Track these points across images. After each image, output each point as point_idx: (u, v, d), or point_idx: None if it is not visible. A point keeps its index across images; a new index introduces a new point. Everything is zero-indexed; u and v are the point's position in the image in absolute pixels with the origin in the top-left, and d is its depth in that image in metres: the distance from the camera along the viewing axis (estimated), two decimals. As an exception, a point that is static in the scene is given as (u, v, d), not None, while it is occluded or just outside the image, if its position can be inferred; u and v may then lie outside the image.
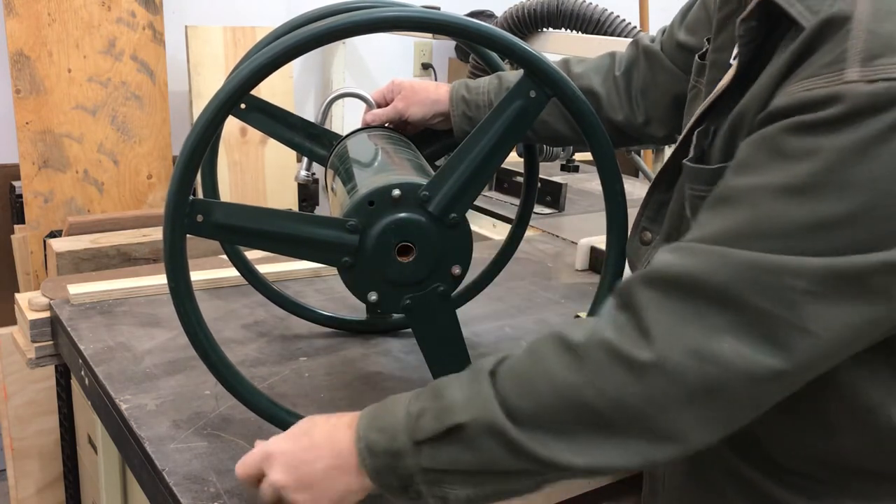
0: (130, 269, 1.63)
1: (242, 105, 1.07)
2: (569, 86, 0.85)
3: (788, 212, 0.63)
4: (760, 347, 0.63)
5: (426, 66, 2.94)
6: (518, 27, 1.99)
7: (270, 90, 2.20)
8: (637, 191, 2.16)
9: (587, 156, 2.35)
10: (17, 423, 1.60)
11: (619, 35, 1.89)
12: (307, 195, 2.42)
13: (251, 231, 0.85)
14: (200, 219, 0.83)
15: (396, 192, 0.87)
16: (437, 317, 0.93)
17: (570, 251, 1.74)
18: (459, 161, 0.87)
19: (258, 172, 2.35)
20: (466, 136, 0.88)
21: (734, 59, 0.78)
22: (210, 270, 1.49)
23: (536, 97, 0.86)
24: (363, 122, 1.18)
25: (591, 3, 1.92)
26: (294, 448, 0.81)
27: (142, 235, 1.91)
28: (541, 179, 1.68)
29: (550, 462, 0.69)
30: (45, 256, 1.93)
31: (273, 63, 0.79)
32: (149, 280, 1.44)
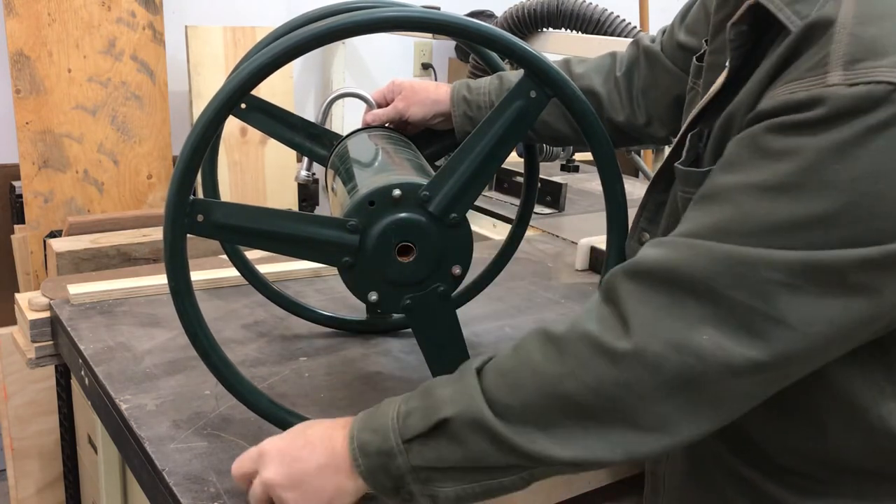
0: (130, 269, 1.63)
1: (243, 105, 1.07)
2: (569, 86, 0.85)
3: (769, 209, 0.64)
4: (738, 339, 0.64)
5: (426, 66, 2.94)
6: (518, 27, 1.99)
7: (270, 90, 2.20)
8: (637, 191, 2.16)
9: (587, 156, 2.36)
10: (17, 423, 1.60)
11: (619, 35, 1.89)
12: (307, 195, 2.42)
13: (252, 231, 0.85)
14: (201, 218, 0.83)
15: (397, 192, 0.87)
16: (438, 317, 0.93)
17: (570, 251, 1.74)
18: (460, 161, 0.87)
19: (258, 172, 2.35)
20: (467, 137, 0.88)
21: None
22: (210, 270, 1.49)
23: (537, 97, 0.86)
24: (363, 122, 1.18)
25: (591, 3, 1.92)
26: (288, 446, 0.81)
27: (142, 235, 1.91)
28: (541, 179, 1.68)
29: (535, 455, 0.70)
30: (45, 256, 1.93)
31: (274, 63, 0.79)
32: (149, 280, 1.44)
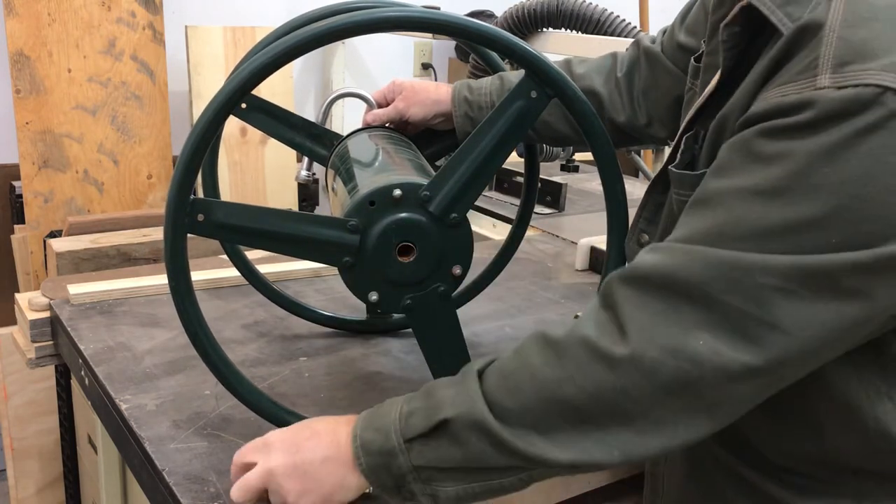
0: (130, 269, 1.63)
1: (243, 105, 1.07)
2: (570, 86, 0.85)
3: (761, 213, 0.64)
4: (733, 344, 0.64)
5: (426, 66, 2.94)
6: (518, 27, 1.99)
7: (270, 90, 2.20)
8: (637, 191, 2.15)
9: (587, 156, 2.36)
10: (17, 423, 1.60)
11: (619, 35, 1.89)
12: (307, 195, 2.42)
13: (252, 230, 0.85)
14: (201, 218, 0.83)
15: (397, 192, 0.87)
16: (438, 317, 0.93)
17: (570, 251, 1.74)
18: (460, 161, 0.87)
19: (258, 172, 2.35)
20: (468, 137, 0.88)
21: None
22: (210, 270, 1.49)
23: (537, 97, 0.86)
24: (364, 122, 1.18)
25: (591, 3, 1.92)
26: (294, 436, 0.82)
27: (142, 235, 1.91)
28: (541, 179, 1.68)
29: (534, 458, 0.70)
30: (45, 256, 1.92)
31: (274, 63, 0.79)
32: (149, 280, 1.44)
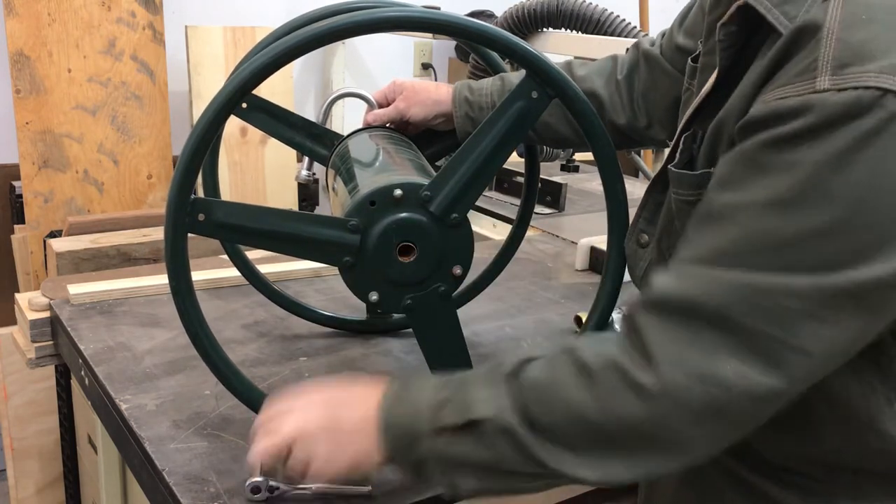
0: (130, 269, 1.63)
1: (244, 105, 1.07)
2: (570, 86, 0.85)
3: (773, 226, 0.64)
4: (759, 367, 0.65)
5: (426, 66, 2.94)
6: (518, 27, 1.99)
7: (270, 90, 2.20)
8: (637, 191, 2.14)
9: (587, 156, 2.36)
10: (17, 423, 1.60)
11: (619, 35, 1.89)
12: (307, 195, 2.42)
13: (252, 230, 0.85)
14: (202, 218, 0.83)
15: (398, 192, 0.87)
16: (438, 317, 0.94)
17: (570, 251, 1.74)
18: (461, 161, 0.87)
19: (258, 172, 2.35)
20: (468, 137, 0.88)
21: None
22: (210, 270, 1.49)
23: (538, 98, 0.86)
24: (364, 122, 1.18)
25: (591, 3, 1.92)
26: (331, 399, 0.82)
27: (142, 235, 1.91)
28: (541, 179, 1.68)
29: (561, 473, 0.71)
30: (45, 256, 1.92)
31: (275, 63, 0.79)
32: (149, 280, 1.44)
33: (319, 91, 2.80)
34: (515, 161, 1.35)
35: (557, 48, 1.95)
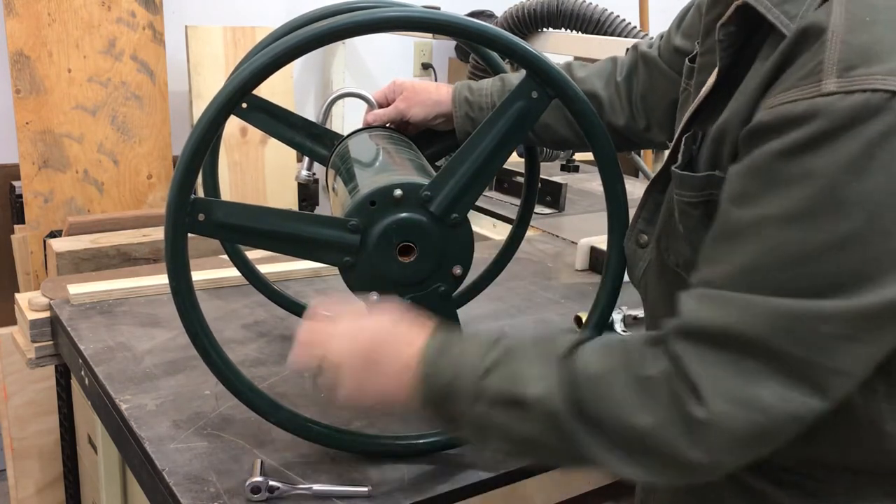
0: (130, 269, 1.63)
1: (244, 105, 1.07)
2: (570, 86, 0.85)
3: (796, 239, 0.63)
4: (802, 391, 0.65)
5: (426, 66, 2.94)
6: (518, 27, 1.99)
7: (270, 90, 2.20)
8: (637, 191, 2.14)
9: (587, 156, 2.36)
10: (17, 423, 1.60)
11: (619, 35, 1.89)
12: (307, 195, 2.42)
13: (253, 230, 0.85)
14: (202, 218, 0.83)
15: (398, 192, 0.87)
16: (438, 317, 0.93)
17: (570, 251, 1.74)
18: (461, 161, 0.87)
19: (258, 172, 2.35)
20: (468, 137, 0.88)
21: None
22: (210, 270, 1.49)
23: (538, 98, 0.86)
24: (364, 122, 1.18)
25: (591, 3, 1.92)
26: (380, 333, 0.81)
27: (142, 235, 1.91)
28: (541, 179, 1.68)
29: (597, 462, 0.71)
30: (45, 256, 1.92)
31: (275, 63, 0.79)
32: (149, 280, 1.44)
33: (319, 91, 2.80)
34: (515, 161, 1.35)
35: (557, 48, 1.95)
